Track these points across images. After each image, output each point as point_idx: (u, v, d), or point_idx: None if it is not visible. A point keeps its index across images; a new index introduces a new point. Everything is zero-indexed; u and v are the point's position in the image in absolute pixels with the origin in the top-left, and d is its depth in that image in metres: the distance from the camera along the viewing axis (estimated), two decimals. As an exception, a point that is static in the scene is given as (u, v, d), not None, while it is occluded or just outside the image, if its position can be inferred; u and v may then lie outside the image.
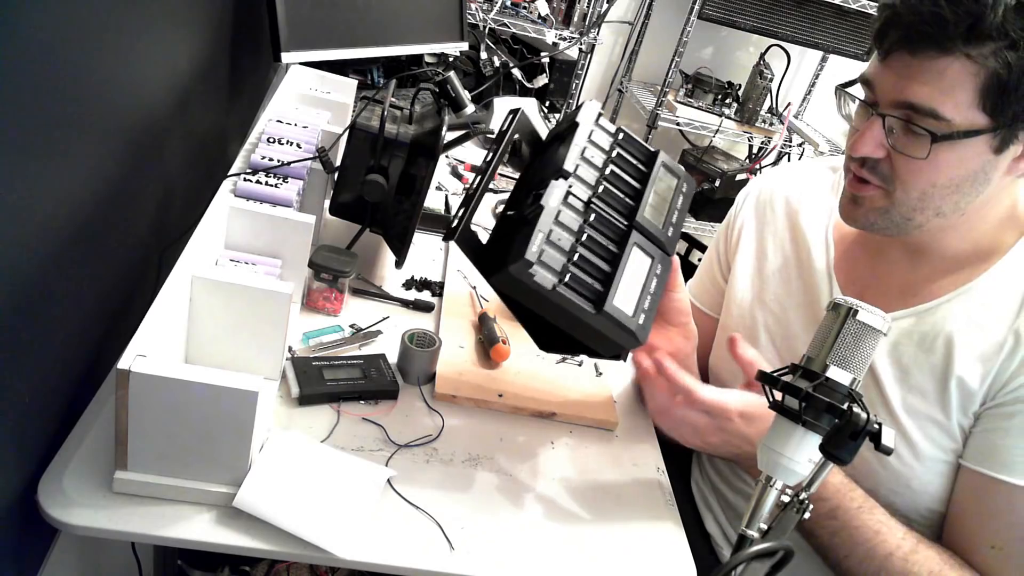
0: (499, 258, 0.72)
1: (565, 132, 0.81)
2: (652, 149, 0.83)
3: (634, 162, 0.81)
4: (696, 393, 0.80)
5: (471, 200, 0.78)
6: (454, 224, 0.76)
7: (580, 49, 2.32)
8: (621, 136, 0.82)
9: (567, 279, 0.70)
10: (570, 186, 0.74)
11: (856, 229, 0.86)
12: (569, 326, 0.74)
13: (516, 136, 0.84)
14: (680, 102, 2.62)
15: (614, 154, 0.80)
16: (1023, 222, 0.83)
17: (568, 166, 0.75)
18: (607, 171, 0.78)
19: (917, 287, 0.86)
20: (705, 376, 1.02)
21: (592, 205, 0.75)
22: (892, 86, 0.74)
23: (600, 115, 0.82)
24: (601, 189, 0.76)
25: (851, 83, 0.81)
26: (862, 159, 0.78)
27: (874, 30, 0.76)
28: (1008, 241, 0.82)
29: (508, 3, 2.20)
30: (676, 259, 0.83)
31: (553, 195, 0.73)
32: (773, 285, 0.98)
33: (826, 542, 0.82)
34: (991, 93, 0.70)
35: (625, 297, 0.73)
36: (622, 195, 0.78)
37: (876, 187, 0.79)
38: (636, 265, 0.75)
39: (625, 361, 0.80)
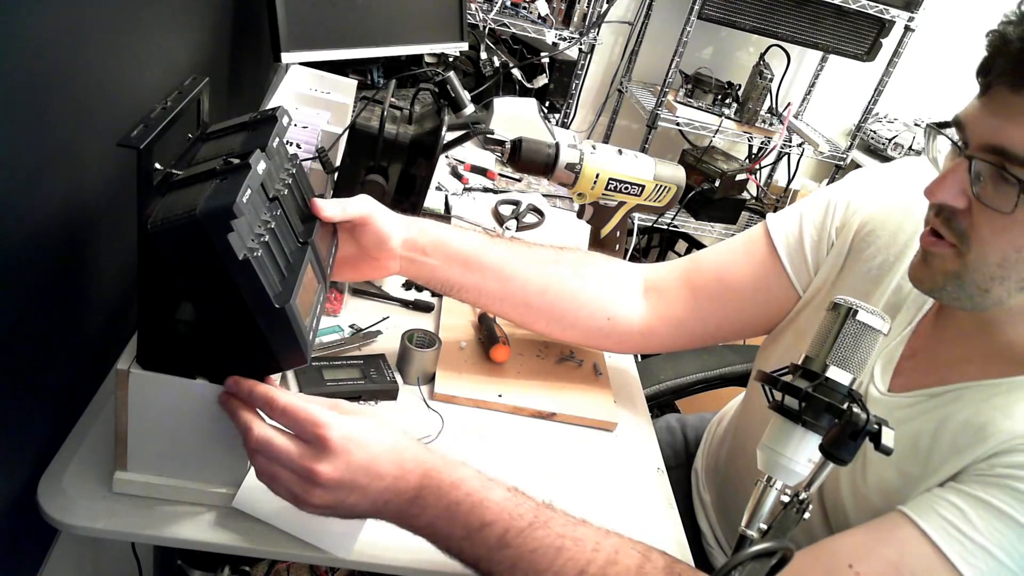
0: (179, 206, 0.58)
1: (258, 122, 0.72)
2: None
3: (301, 189, 0.75)
4: (278, 400, 0.61)
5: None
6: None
7: (580, 49, 2.32)
8: (297, 160, 0.75)
9: (258, 255, 0.58)
10: (266, 169, 0.64)
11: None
12: (229, 326, 0.61)
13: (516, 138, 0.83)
14: (680, 102, 2.62)
15: (293, 170, 0.73)
16: None
17: (271, 147, 0.66)
18: (288, 179, 0.70)
19: (961, 363, 0.74)
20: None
21: (277, 201, 0.66)
22: (986, 126, 0.64)
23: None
24: (286, 192, 0.68)
25: (946, 124, 0.70)
26: (938, 207, 0.68)
27: (980, 63, 0.65)
28: None
29: (508, 3, 2.20)
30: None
31: (260, 164, 0.61)
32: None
33: None
34: None
35: (303, 307, 0.62)
36: (296, 211, 0.71)
37: (949, 245, 0.68)
38: (309, 282, 0.67)
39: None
